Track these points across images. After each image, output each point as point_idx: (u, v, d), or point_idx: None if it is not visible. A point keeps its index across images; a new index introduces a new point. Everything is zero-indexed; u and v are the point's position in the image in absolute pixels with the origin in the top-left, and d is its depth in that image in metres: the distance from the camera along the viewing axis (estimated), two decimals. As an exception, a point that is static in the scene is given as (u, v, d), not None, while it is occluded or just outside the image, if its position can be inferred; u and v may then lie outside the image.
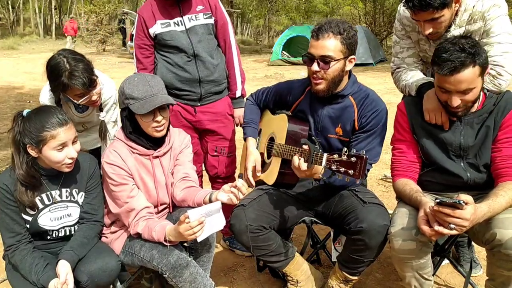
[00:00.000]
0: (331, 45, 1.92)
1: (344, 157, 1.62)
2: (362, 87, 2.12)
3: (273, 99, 2.32)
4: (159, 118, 1.91)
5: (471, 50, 1.71)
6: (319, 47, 1.93)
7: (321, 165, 1.70)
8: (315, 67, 1.95)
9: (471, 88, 1.76)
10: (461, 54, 1.70)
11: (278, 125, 2.22)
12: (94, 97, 2.18)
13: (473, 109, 1.90)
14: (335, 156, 1.65)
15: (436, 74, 1.81)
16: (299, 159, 1.81)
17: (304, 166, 1.79)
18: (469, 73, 1.72)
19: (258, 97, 2.39)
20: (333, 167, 1.66)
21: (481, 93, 1.90)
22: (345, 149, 1.65)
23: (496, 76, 1.96)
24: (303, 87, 2.20)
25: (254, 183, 2.22)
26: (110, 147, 1.99)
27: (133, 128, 1.96)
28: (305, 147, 1.81)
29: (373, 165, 2.10)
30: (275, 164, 2.15)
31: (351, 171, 1.61)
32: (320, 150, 1.74)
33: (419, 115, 2.00)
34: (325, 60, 1.93)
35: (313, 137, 2.12)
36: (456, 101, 1.78)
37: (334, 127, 2.10)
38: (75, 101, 2.15)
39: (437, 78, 1.81)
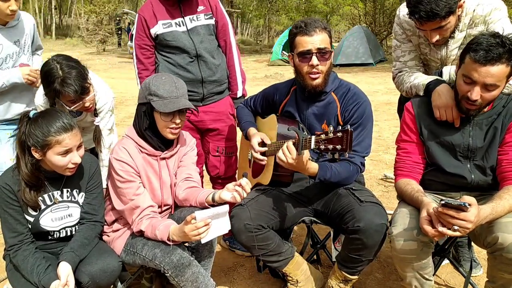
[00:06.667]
0: (323, 38, 2.01)
1: (331, 135, 1.66)
2: (343, 82, 2.17)
3: (261, 104, 2.38)
4: (177, 120, 1.94)
5: (511, 47, 1.68)
6: (315, 41, 1.99)
7: (310, 148, 1.73)
8: (315, 61, 2.00)
9: (495, 86, 1.72)
10: (500, 49, 1.67)
11: (268, 126, 2.26)
12: (87, 104, 2.18)
13: (483, 110, 1.87)
14: (323, 136, 1.69)
15: (467, 61, 1.75)
16: (287, 148, 1.82)
17: (294, 152, 1.81)
18: (500, 70, 1.69)
19: (248, 104, 2.46)
20: (322, 147, 1.69)
21: None
22: (331, 127, 1.68)
23: None
24: (288, 88, 2.26)
25: (265, 158, 2.18)
26: (120, 144, 2.00)
27: (148, 125, 1.98)
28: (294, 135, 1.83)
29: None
30: (269, 164, 2.18)
31: (338, 146, 1.65)
32: (308, 135, 1.77)
33: (428, 116, 1.98)
34: (322, 52, 2.00)
35: (301, 125, 2.15)
36: (477, 94, 1.74)
37: (320, 124, 2.14)
38: (68, 107, 2.15)
39: (467, 66, 1.76)
